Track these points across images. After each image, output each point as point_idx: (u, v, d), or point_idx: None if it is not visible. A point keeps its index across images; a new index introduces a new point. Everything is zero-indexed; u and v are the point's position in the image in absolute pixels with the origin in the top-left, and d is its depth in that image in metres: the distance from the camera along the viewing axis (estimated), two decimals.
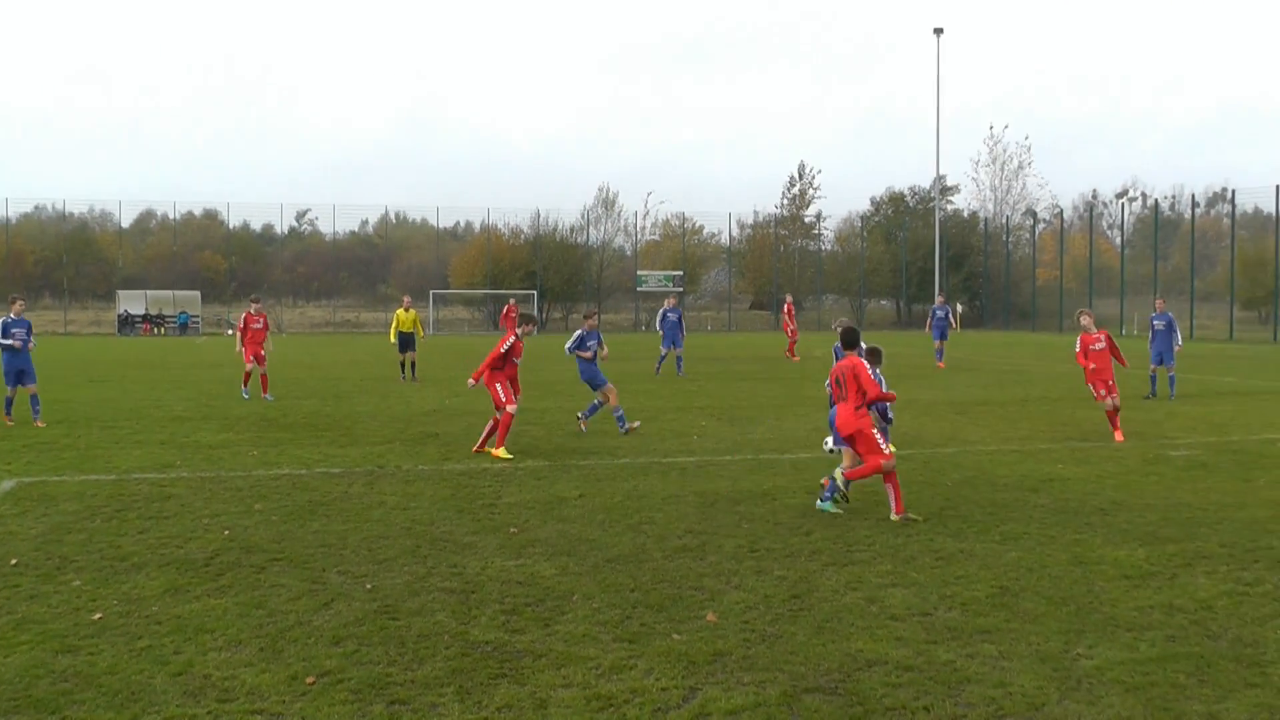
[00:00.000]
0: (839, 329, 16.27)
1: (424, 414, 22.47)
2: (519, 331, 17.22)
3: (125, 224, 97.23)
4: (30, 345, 20.49)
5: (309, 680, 6.97)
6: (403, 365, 31.96)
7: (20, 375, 20.28)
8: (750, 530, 11.37)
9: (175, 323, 77.49)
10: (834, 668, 7.19)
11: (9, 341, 20.17)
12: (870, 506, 12.50)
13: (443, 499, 13.17)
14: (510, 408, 16.69)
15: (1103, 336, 19.09)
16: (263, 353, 25.73)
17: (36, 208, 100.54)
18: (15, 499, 13.26)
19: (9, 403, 20.25)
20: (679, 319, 34.23)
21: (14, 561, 10.07)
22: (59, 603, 8.79)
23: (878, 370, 13.28)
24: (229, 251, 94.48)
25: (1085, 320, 19.33)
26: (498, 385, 16.80)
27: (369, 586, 9.21)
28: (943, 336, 37.68)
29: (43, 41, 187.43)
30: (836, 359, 16.14)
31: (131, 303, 79.85)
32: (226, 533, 11.28)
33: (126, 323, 77.51)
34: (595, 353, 19.63)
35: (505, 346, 16.90)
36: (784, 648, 7.59)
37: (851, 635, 7.86)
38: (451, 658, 7.38)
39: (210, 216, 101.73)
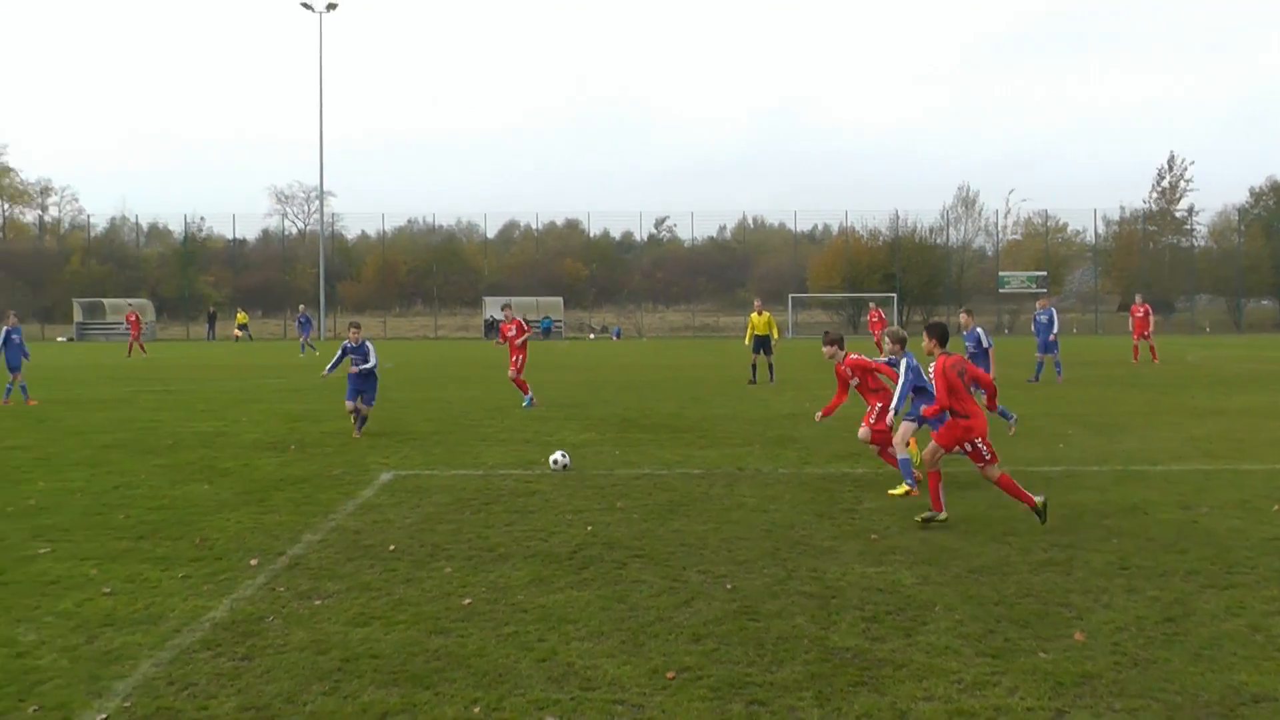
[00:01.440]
0: (891, 335, 14.39)
1: (782, 417, 22.42)
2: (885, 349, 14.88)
3: (490, 234, 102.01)
4: (361, 368, 19.87)
5: (669, 675, 7.00)
6: (754, 367, 32.14)
7: (357, 394, 19.86)
8: (1119, 546, 10.74)
9: (539, 328, 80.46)
10: (1214, 700, 6.64)
11: (352, 368, 19.91)
12: (1252, 525, 11.61)
13: (802, 502, 13.06)
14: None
15: None
16: (514, 360, 25.37)
17: (409, 221, 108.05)
18: (391, 490, 14.00)
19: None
20: (1049, 320, 31.81)
21: (392, 548, 10.62)
22: (431, 587, 9.20)
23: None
24: (589, 259, 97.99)
25: None
26: None
27: (729, 586, 9.20)
28: None
29: (414, 68, 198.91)
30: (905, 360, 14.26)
31: (497, 309, 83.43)
32: (589, 528, 11.53)
33: (492, 327, 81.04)
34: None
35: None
36: (1158, 674, 7.08)
37: (1233, 665, 7.24)
38: (811, 662, 7.27)
39: (571, 225, 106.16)
